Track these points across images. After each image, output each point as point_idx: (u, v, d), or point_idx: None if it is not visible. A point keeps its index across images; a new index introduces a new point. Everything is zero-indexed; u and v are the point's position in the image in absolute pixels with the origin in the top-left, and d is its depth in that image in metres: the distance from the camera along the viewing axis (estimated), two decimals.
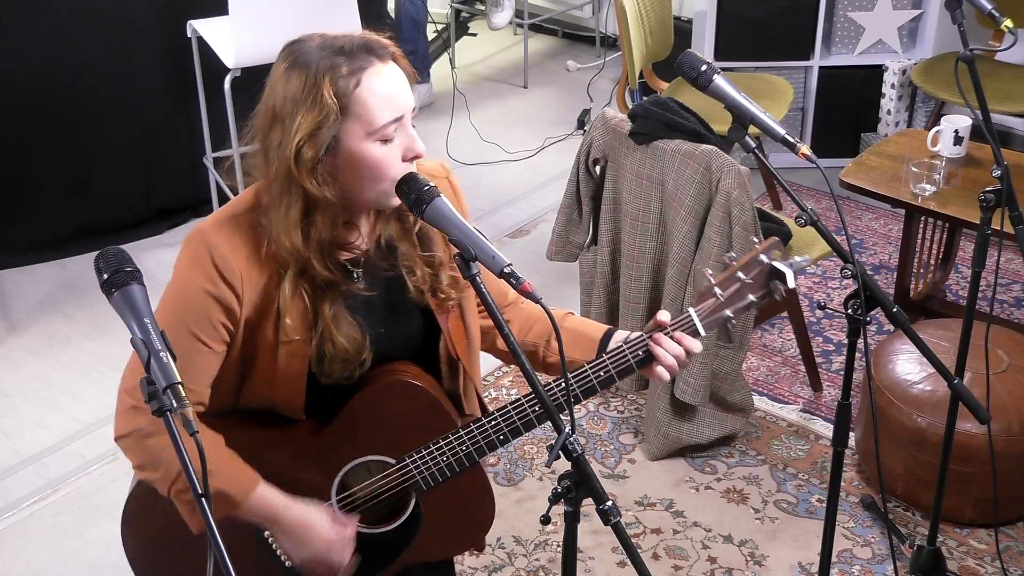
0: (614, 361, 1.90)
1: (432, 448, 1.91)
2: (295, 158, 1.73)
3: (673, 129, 3.09)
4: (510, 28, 6.31)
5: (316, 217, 1.78)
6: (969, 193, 3.38)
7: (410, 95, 1.81)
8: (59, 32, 4.11)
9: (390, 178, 1.77)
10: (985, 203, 2.39)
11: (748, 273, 1.89)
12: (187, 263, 1.82)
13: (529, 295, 1.57)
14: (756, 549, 3.01)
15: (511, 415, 1.89)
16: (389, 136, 1.76)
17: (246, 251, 1.80)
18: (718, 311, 1.90)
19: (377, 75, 1.76)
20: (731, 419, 3.31)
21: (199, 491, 1.36)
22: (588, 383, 1.90)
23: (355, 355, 1.86)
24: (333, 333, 1.83)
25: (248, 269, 1.80)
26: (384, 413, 1.91)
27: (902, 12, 4.78)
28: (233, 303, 1.80)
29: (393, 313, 1.94)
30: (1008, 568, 2.93)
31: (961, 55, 2.31)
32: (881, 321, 3.75)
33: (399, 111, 1.77)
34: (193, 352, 1.81)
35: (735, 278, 1.89)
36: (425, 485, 1.93)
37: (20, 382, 3.71)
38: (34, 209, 4.30)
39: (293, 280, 1.80)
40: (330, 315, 1.83)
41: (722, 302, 1.89)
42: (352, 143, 1.75)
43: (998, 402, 2.92)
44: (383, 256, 1.91)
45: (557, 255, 3.45)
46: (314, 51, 1.75)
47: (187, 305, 1.81)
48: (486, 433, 1.90)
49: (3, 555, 3.04)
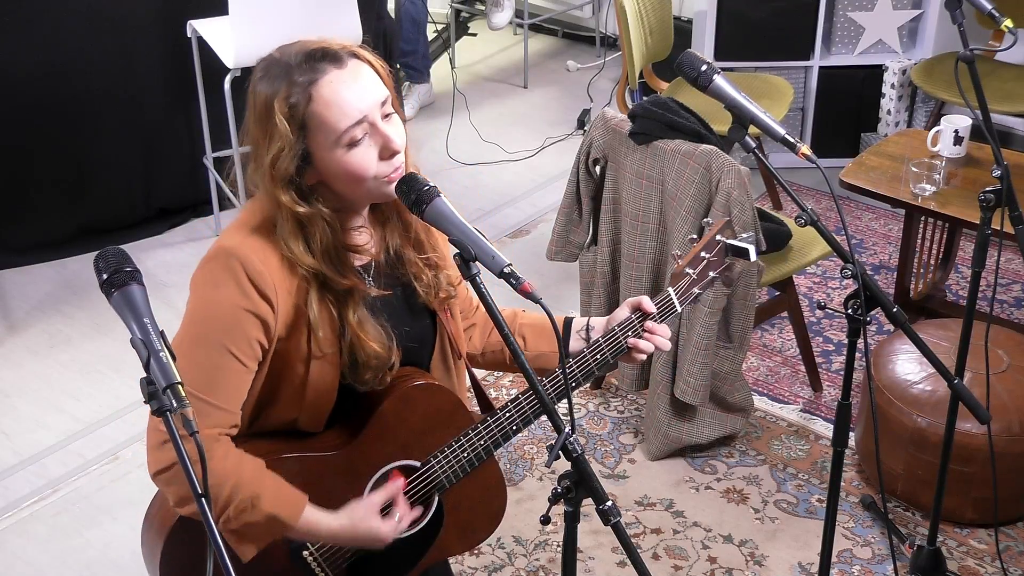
0: (609, 344, 1.99)
1: (454, 446, 1.93)
2: (270, 177, 1.76)
3: (673, 129, 3.08)
4: (510, 28, 6.31)
5: (312, 230, 1.79)
6: (969, 193, 3.38)
7: (373, 91, 1.78)
8: (59, 32, 4.11)
9: (369, 177, 1.78)
10: (985, 203, 2.39)
11: (710, 252, 2.05)
12: (216, 281, 1.78)
13: (529, 295, 1.58)
14: (756, 549, 3.01)
15: (521, 402, 1.93)
16: (355, 139, 1.76)
17: (276, 262, 1.79)
18: (691, 288, 2.05)
19: (328, 84, 1.75)
20: (731, 419, 3.31)
21: (199, 491, 1.36)
22: (587, 367, 1.98)
23: (385, 357, 1.87)
24: (362, 339, 1.84)
25: (281, 279, 1.79)
26: (411, 418, 1.93)
27: (902, 12, 4.78)
28: (270, 317, 1.79)
29: (410, 319, 1.97)
30: (1008, 568, 2.93)
31: (961, 55, 2.31)
32: (881, 321, 3.75)
33: (358, 113, 1.76)
34: (228, 371, 1.78)
35: (700, 258, 2.05)
36: (448, 483, 1.95)
37: (20, 382, 3.71)
38: (34, 209, 4.30)
39: (318, 292, 1.81)
40: (355, 322, 1.83)
41: (693, 280, 2.05)
42: (322, 153, 1.77)
43: (998, 402, 2.92)
44: (392, 265, 1.94)
45: (557, 255, 3.45)
46: (274, 67, 1.77)
47: (220, 324, 1.77)
48: (500, 424, 1.93)
49: (3, 555, 3.04)
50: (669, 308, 2.04)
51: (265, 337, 1.80)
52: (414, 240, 1.95)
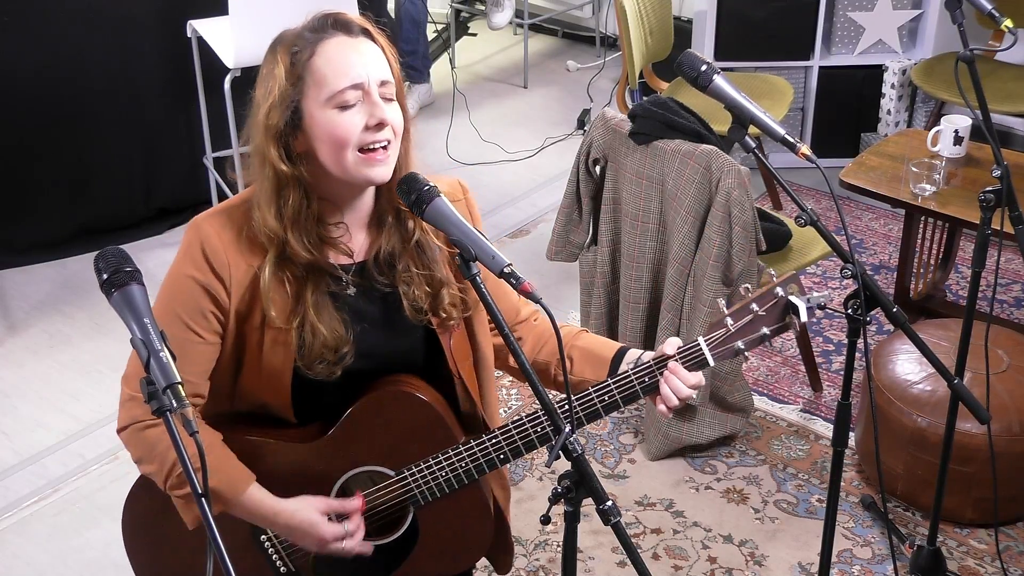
0: (620, 387, 1.88)
1: (431, 462, 1.90)
2: (264, 128, 1.79)
3: (673, 129, 3.09)
4: (510, 28, 6.31)
5: (288, 192, 1.80)
6: (969, 193, 3.38)
7: (377, 68, 1.80)
8: (59, 32, 4.11)
9: (351, 145, 1.78)
10: (985, 203, 2.39)
11: (762, 305, 1.88)
12: (181, 253, 1.86)
13: (529, 295, 1.58)
14: (756, 549, 3.01)
15: (512, 434, 1.89)
16: (347, 102, 1.77)
17: (235, 241, 1.83)
18: (729, 341, 1.87)
19: (335, 44, 1.79)
20: (731, 419, 3.31)
21: (199, 491, 1.36)
22: (592, 407, 1.89)
23: (334, 347, 1.85)
24: (313, 320, 1.83)
25: (236, 258, 1.82)
26: (384, 422, 1.90)
27: (902, 12, 4.78)
28: (221, 292, 1.83)
29: (390, 329, 1.93)
30: (1008, 568, 2.93)
31: (961, 55, 2.31)
32: (881, 321, 3.75)
33: (356, 79, 1.78)
34: (186, 342, 1.83)
35: (748, 310, 1.87)
36: (423, 499, 1.92)
37: (20, 382, 3.71)
38: (34, 209, 4.30)
39: (274, 264, 1.82)
40: (311, 302, 1.83)
41: (732, 332, 1.87)
42: (312, 110, 1.78)
43: (998, 402, 2.91)
44: (380, 271, 1.90)
45: (557, 255, 3.45)
46: (288, 31, 1.82)
47: (179, 295, 1.84)
48: (486, 451, 1.89)
49: (3, 555, 3.04)
50: (697, 358, 1.88)
51: (219, 310, 1.84)
52: (413, 250, 1.91)
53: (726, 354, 1.88)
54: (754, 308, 1.87)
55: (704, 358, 1.88)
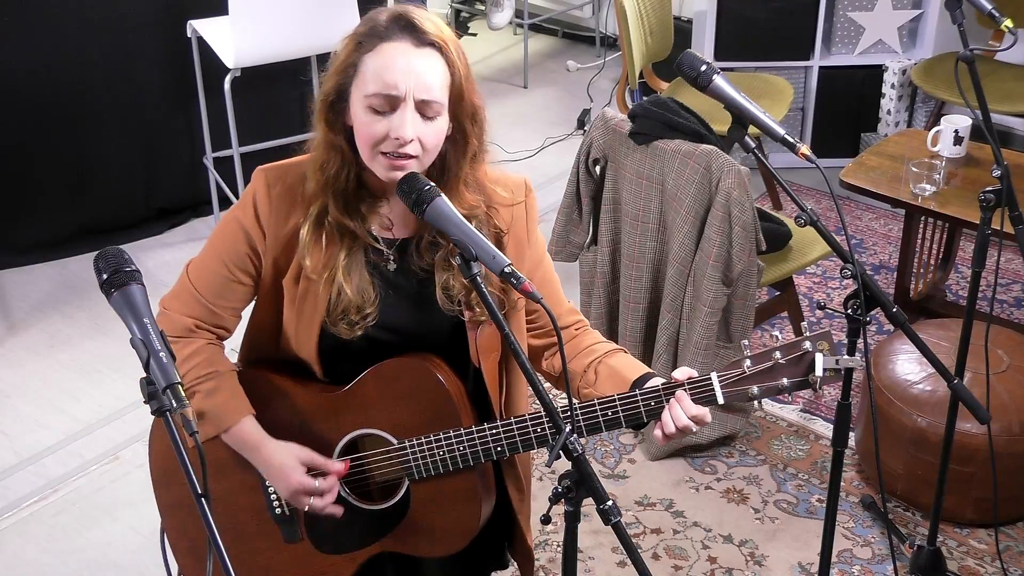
0: (624, 405, 1.87)
1: (432, 439, 1.91)
2: (323, 93, 1.84)
3: (673, 129, 3.09)
4: (510, 28, 6.31)
5: (331, 158, 1.85)
6: (969, 193, 3.38)
7: (427, 83, 1.77)
8: (59, 32, 4.11)
9: (367, 146, 1.80)
10: (985, 203, 2.39)
11: (786, 355, 1.84)
12: (242, 195, 1.96)
13: (529, 295, 1.58)
14: (756, 549, 3.01)
15: (512, 430, 1.89)
16: (376, 106, 1.77)
17: (285, 194, 1.89)
18: (742, 384, 1.84)
19: (393, 48, 1.78)
20: (731, 419, 3.31)
21: (199, 491, 1.36)
22: (594, 419, 1.87)
23: (358, 306, 1.89)
24: (341, 280, 1.87)
25: (282, 210, 1.89)
26: (397, 391, 1.93)
27: (902, 12, 4.78)
28: (259, 238, 1.90)
29: (420, 310, 1.94)
30: (1008, 568, 2.93)
31: (961, 55, 2.31)
32: (881, 321, 3.75)
33: (393, 91, 1.76)
34: (219, 276, 1.94)
35: (770, 356, 1.83)
36: (418, 474, 1.94)
37: (20, 382, 3.71)
38: (34, 209, 4.30)
39: (314, 221, 1.87)
40: (343, 262, 1.87)
41: (747, 375, 1.83)
42: (354, 99, 1.82)
43: (998, 402, 2.92)
44: (420, 254, 1.92)
45: (557, 255, 3.44)
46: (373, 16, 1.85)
47: (224, 232, 1.94)
48: (484, 440, 1.90)
49: (3, 555, 3.04)
50: (706, 393, 1.84)
51: (254, 255, 1.92)
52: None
53: (738, 396, 1.84)
54: (776, 356, 1.83)
55: (713, 394, 1.84)
